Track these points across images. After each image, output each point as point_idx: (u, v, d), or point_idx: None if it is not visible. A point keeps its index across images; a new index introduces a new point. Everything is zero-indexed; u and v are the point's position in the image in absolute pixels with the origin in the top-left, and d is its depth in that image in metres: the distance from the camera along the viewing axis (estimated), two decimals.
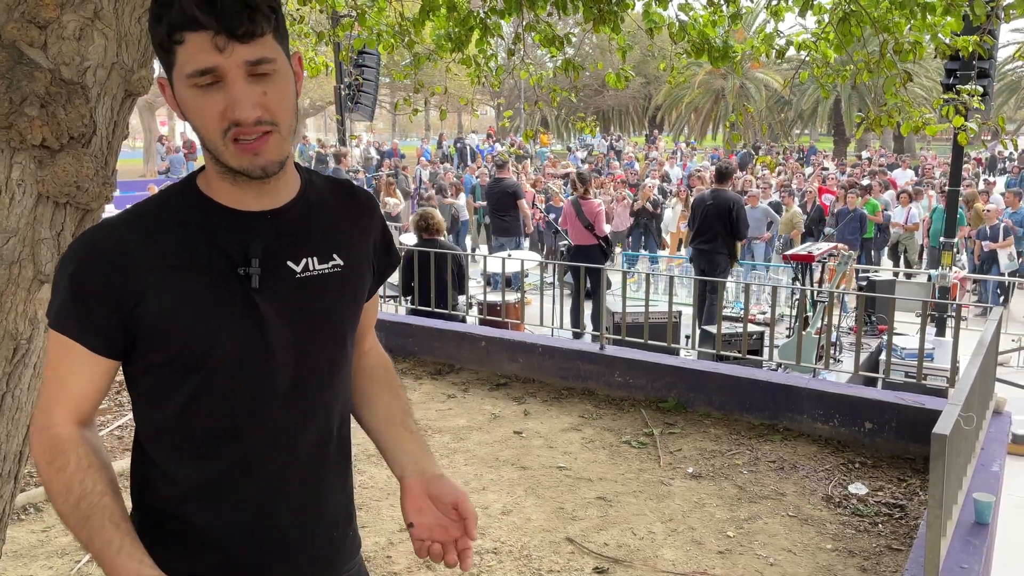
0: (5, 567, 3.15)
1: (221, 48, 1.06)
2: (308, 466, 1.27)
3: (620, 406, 5.02)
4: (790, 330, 7.86)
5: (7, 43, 1.58)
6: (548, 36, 4.89)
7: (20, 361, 1.68)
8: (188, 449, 1.21)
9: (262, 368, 1.20)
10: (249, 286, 1.17)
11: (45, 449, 1.15)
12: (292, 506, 1.26)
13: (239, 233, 1.19)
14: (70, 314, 1.14)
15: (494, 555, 3.32)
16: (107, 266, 1.13)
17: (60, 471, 1.13)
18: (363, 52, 10.09)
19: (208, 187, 1.20)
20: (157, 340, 1.16)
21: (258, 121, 1.10)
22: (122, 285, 1.13)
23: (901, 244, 13.15)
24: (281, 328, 1.20)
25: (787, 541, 3.44)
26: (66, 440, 1.15)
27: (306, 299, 1.23)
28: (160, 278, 1.14)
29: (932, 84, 27.67)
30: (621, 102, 42.75)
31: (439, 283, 6.34)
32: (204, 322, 1.16)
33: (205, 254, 1.17)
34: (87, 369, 1.16)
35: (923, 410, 4.24)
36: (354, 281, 1.30)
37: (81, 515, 1.11)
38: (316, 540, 1.31)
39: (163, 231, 1.17)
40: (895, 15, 4.51)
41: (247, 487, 1.22)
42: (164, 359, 1.17)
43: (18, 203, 1.63)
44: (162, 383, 1.19)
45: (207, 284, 1.16)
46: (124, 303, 1.13)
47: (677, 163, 22.26)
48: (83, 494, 1.12)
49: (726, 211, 7.85)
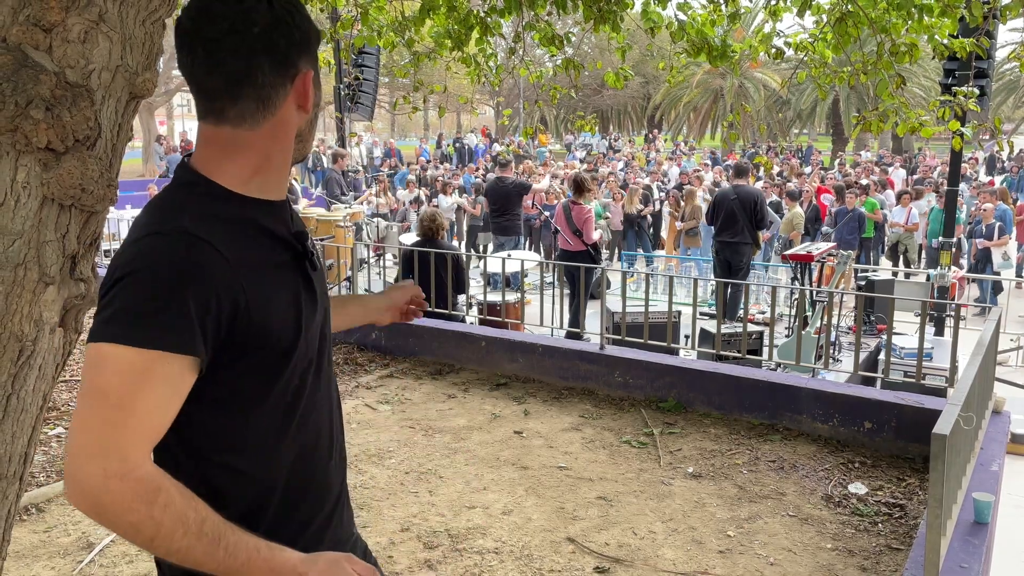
0: (8, 568, 3.16)
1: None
2: (335, 434, 1.41)
3: (620, 406, 5.03)
4: (789, 330, 7.87)
5: (12, 46, 1.59)
6: (548, 35, 4.90)
7: (25, 363, 1.68)
8: (272, 442, 1.25)
9: (321, 346, 1.33)
10: (310, 269, 1.28)
11: (138, 494, 1.06)
12: (334, 473, 1.40)
13: (281, 220, 1.27)
14: (180, 330, 1.09)
15: (495, 555, 3.33)
16: (211, 278, 1.11)
17: (168, 507, 1.07)
18: (362, 52, 10.11)
19: (232, 184, 1.23)
20: (255, 342, 1.17)
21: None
22: (228, 294, 1.13)
23: (901, 244, 13.16)
24: (323, 302, 1.35)
25: (787, 541, 3.45)
26: (157, 476, 1.09)
27: (323, 275, 1.39)
28: (253, 281, 1.17)
29: (930, 84, 27.69)
30: (620, 102, 42.77)
31: (438, 283, 6.35)
32: (291, 315, 1.23)
33: (271, 246, 1.24)
34: (180, 392, 1.12)
35: (922, 410, 4.25)
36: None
37: (210, 538, 1.09)
38: (347, 503, 1.46)
39: (231, 231, 1.18)
40: (892, 16, 4.52)
41: (312, 464, 1.33)
42: (258, 360, 1.19)
43: (23, 205, 1.63)
44: (250, 385, 1.21)
45: (285, 274, 1.24)
46: (228, 314, 1.13)
47: (676, 163, 22.28)
48: (202, 519, 1.10)
49: (751, 204, 8.50)
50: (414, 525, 3.55)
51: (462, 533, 3.49)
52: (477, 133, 30.34)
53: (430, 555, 3.31)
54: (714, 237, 8.97)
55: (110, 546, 3.35)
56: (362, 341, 6.23)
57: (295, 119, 1.25)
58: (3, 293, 1.63)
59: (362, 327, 6.14)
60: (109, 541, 3.36)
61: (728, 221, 8.58)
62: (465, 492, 3.88)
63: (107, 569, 3.20)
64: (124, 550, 3.30)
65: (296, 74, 1.22)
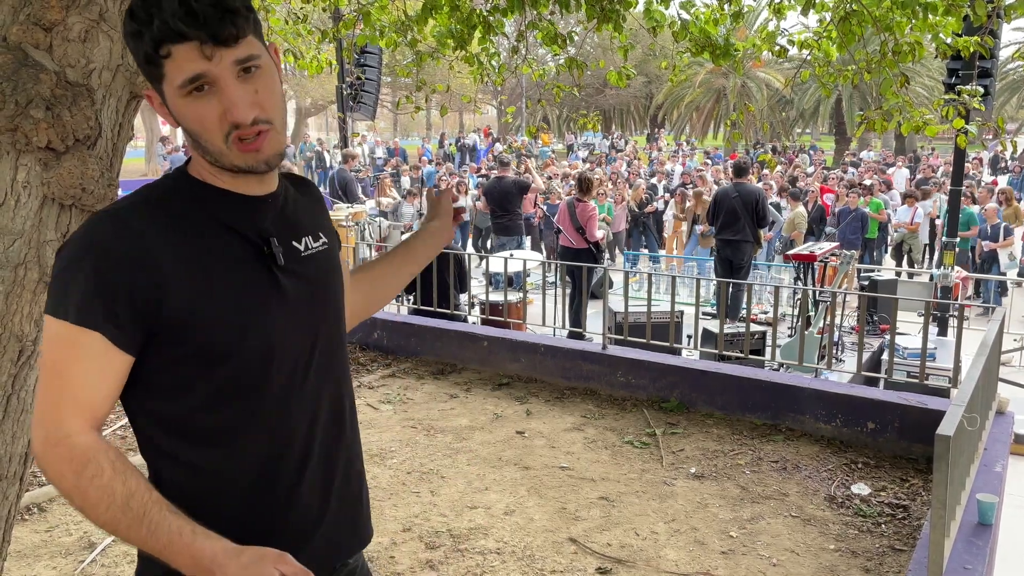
0: (9, 567, 3.16)
1: (209, 56, 1.09)
2: (325, 439, 1.30)
3: (622, 406, 5.02)
4: (792, 330, 7.86)
5: (12, 45, 1.58)
6: (551, 34, 4.89)
7: (25, 363, 1.68)
8: (220, 436, 1.19)
9: (289, 347, 1.23)
10: (274, 264, 1.21)
11: (68, 461, 1.09)
12: (315, 481, 1.29)
13: (250, 216, 1.22)
14: (94, 307, 1.09)
15: (497, 555, 3.32)
16: (128, 261, 1.10)
17: (95, 478, 1.09)
18: (365, 51, 10.10)
19: (204, 177, 1.21)
20: (183, 332, 1.14)
21: (255, 120, 1.14)
22: (144, 280, 1.11)
23: (906, 243, 13.13)
24: (302, 305, 1.25)
25: (790, 542, 3.44)
26: (91, 447, 1.10)
27: (314, 276, 1.29)
28: (182, 270, 1.13)
29: (934, 83, 27.63)
30: (622, 101, 42.72)
31: (440, 283, 6.34)
32: (234, 309, 1.16)
33: (223, 239, 1.18)
34: (108, 367, 1.12)
35: (926, 410, 4.24)
36: (337, 258, 1.39)
37: (134, 514, 1.08)
38: (339, 515, 1.33)
39: (174, 220, 1.16)
40: (896, 14, 4.51)
41: (276, 467, 1.24)
42: (191, 350, 1.15)
43: (23, 205, 1.63)
44: (185, 375, 1.16)
45: (231, 270, 1.17)
46: (147, 299, 1.11)
47: (678, 162, 22.25)
48: (130, 494, 1.09)
49: (752, 203, 8.47)
50: (416, 525, 3.55)
51: (464, 533, 3.48)
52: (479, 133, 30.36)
53: (432, 555, 3.31)
54: (715, 236, 8.97)
55: (112, 546, 3.34)
56: (364, 341, 6.22)
57: (179, 120, 1.17)
58: (3, 293, 1.63)
59: (363, 327, 6.15)
60: (111, 541, 3.36)
61: (729, 219, 8.55)
62: (467, 492, 3.87)
63: (108, 569, 3.20)
64: (125, 550, 3.29)
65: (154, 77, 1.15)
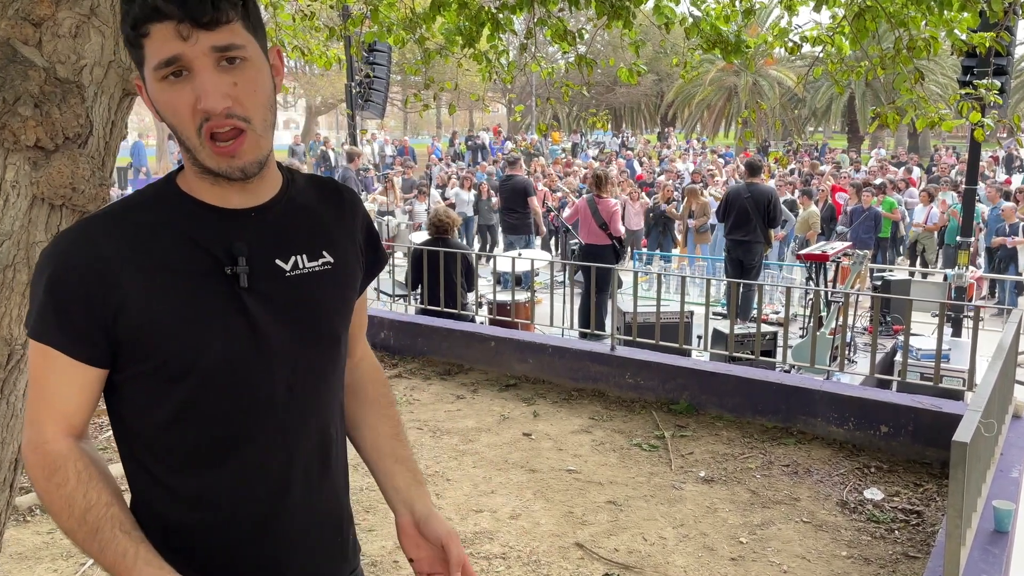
0: (10, 569, 3.13)
1: (185, 36, 1.03)
2: (309, 470, 1.23)
3: (631, 408, 4.96)
4: (804, 331, 7.77)
5: (1, 41, 1.54)
6: (560, 31, 4.83)
7: (15, 367, 1.64)
8: (182, 460, 1.15)
9: (255, 372, 1.15)
10: (237, 286, 1.13)
11: (41, 467, 1.10)
12: (296, 511, 1.22)
13: (223, 231, 1.14)
14: (49, 324, 1.09)
15: (502, 560, 3.27)
16: (83, 274, 1.07)
17: (60, 487, 1.08)
18: (374, 49, 10.07)
19: (188, 185, 1.15)
20: (140, 349, 1.10)
21: (228, 113, 1.06)
22: (100, 293, 1.07)
23: (920, 243, 13.00)
24: (274, 329, 1.16)
25: (801, 548, 3.38)
26: (62, 455, 1.10)
27: (299, 298, 1.19)
28: (139, 284, 1.08)
29: (948, 81, 27.39)
30: (633, 99, 42.56)
31: (448, 282, 6.30)
32: (189, 328, 1.10)
33: (187, 255, 1.12)
34: (74, 380, 1.10)
35: (940, 414, 4.16)
36: (345, 278, 1.26)
37: (89, 528, 1.07)
38: (320, 546, 1.27)
39: (140, 232, 1.11)
40: (911, 10, 4.43)
41: (248, 496, 1.18)
42: (149, 368, 1.11)
43: (12, 205, 1.59)
44: (147, 393, 1.13)
45: (190, 287, 1.11)
46: (104, 312, 1.08)
47: (688, 160, 22.13)
48: (88, 507, 1.08)
49: (765, 203, 8.39)
50: None
51: (469, 538, 3.43)
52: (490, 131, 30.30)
53: None
54: (726, 236, 8.87)
55: None
56: (370, 341, 6.13)
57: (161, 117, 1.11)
58: None
59: (369, 327, 6.10)
60: None
61: (740, 219, 8.45)
62: (473, 495, 3.82)
63: None
64: None
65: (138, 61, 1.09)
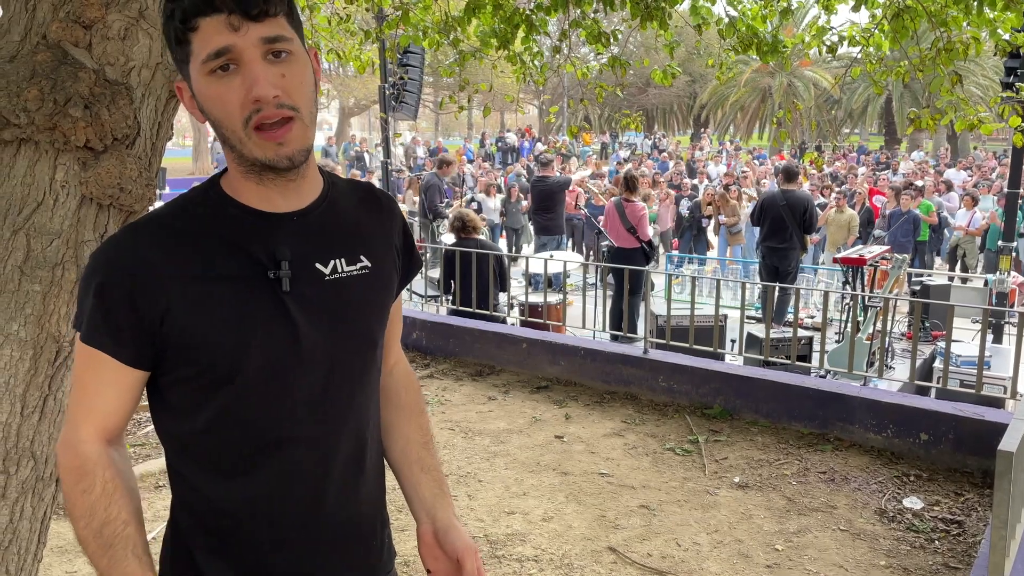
0: (51, 562, 3.19)
1: (236, 27, 1.05)
2: (345, 473, 1.23)
3: (664, 412, 4.92)
4: (840, 335, 7.66)
5: (52, 43, 1.57)
6: (594, 32, 4.82)
7: (62, 364, 1.67)
8: (219, 465, 1.16)
9: (295, 376, 1.16)
10: (280, 290, 1.13)
11: (71, 469, 1.12)
12: (331, 517, 1.22)
13: (265, 235, 1.15)
14: (98, 326, 1.10)
15: (535, 563, 3.26)
16: (130, 279, 1.09)
17: (85, 493, 1.11)
18: (407, 51, 10.11)
19: (232, 188, 1.16)
20: (185, 354, 1.11)
21: (279, 103, 1.07)
22: (146, 299, 1.09)
23: (960, 248, 12.75)
24: (313, 333, 1.16)
25: (838, 556, 3.32)
26: (93, 460, 1.12)
27: (337, 302, 1.19)
28: (184, 289, 1.09)
29: (989, 82, 26.83)
30: (665, 101, 42.31)
31: (480, 283, 6.30)
32: (233, 333, 1.11)
33: (230, 260, 1.12)
34: (116, 381, 1.12)
35: (982, 422, 4.08)
36: (382, 282, 1.27)
37: (103, 542, 1.10)
38: (356, 549, 1.27)
39: (184, 238, 1.12)
40: (952, 9, 4.34)
41: (285, 498, 1.18)
42: (192, 373, 1.12)
43: (62, 205, 1.62)
44: (190, 397, 1.14)
45: (234, 292, 1.12)
46: (151, 317, 1.09)
47: (721, 162, 21.94)
48: (106, 520, 1.10)
49: (801, 210, 8.34)
50: None
51: (501, 539, 3.43)
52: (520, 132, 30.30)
53: None
54: (760, 243, 8.77)
55: (152, 543, 3.36)
56: (403, 341, 6.19)
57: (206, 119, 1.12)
58: (41, 293, 1.62)
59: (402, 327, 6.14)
60: (151, 538, 3.38)
61: (775, 226, 8.35)
62: (505, 497, 3.82)
63: None
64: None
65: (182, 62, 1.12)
